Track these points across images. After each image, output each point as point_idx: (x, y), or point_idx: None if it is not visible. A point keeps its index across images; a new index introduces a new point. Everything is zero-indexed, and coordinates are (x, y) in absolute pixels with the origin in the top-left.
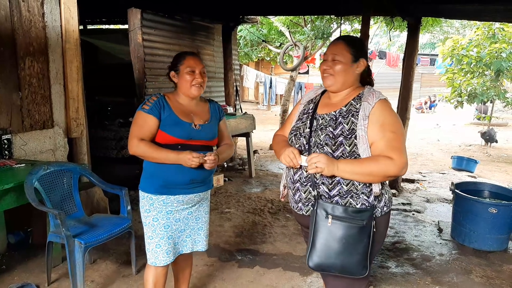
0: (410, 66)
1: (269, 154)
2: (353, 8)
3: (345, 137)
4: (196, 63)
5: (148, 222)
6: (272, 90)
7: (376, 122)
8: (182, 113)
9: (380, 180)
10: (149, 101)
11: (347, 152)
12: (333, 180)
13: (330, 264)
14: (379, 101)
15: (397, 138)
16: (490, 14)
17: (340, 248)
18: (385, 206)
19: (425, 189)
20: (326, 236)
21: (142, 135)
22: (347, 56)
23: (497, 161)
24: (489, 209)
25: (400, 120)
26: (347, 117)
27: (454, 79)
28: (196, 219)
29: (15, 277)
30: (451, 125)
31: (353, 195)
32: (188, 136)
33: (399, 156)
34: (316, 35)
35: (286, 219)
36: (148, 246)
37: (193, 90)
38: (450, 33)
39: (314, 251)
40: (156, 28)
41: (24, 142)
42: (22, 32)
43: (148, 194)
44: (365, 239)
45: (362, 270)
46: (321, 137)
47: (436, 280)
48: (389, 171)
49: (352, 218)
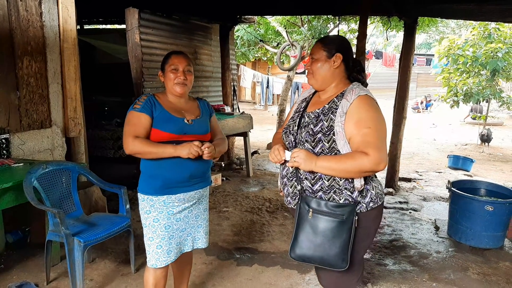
0: (407, 66)
1: (266, 154)
2: (350, 8)
3: (324, 134)
4: (180, 61)
5: (149, 223)
6: (269, 90)
7: (352, 118)
8: (173, 110)
9: (357, 176)
10: (140, 100)
11: (327, 148)
12: (315, 175)
13: (310, 256)
14: (358, 97)
15: (373, 133)
16: (485, 14)
17: (320, 241)
18: (371, 202)
19: (421, 188)
20: (307, 229)
21: (136, 133)
22: (321, 53)
23: (493, 160)
24: (485, 207)
25: (379, 115)
26: (327, 114)
27: (450, 78)
28: (195, 217)
29: (14, 276)
30: (447, 125)
31: (336, 190)
32: (182, 131)
33: (374, 151)
34: (313, 35)
35: (284, 218)
36: (149, 248)
37: (177, 88)
38: (446, 33)
39: (296, 243)
40: (153, 27)
41: (22, 141)
42: (20, 32)
43: (148, 196)
44: (345, 233)
45: (341, 263)
46: (303, 134)
47: (433, 277)
48: (364, 167)
49: (332, 212)
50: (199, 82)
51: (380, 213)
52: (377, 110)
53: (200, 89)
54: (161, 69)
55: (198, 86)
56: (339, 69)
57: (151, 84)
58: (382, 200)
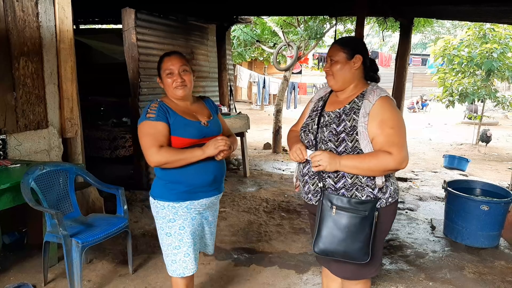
0: (403, 66)
1: (263, 154)
2: (346, 9)
3: (347, 134)
4: (173, 63)
5: (174, 232)
6: (266, 90)
7: (375, 118)
8: (186, 114)
9: (380, 174)
10: (151, 108)
11: (350, 148)
12: (338, 173)
13: (334, 250)
14: (379, 98)
15: (396, 133)
16: (481, 15)
17: (343, 236)
18: (390, 197)
19: (417, 188)
20: (331, 224)
21: (158, 143)
22: (341, 55)
23: (488, 160)
24: (481, 207)
25: (400, 116)
26: (350, 114)
27: (445, 78)
28: (210, 224)
29: (11, 277)
30: (442, 125)
31: (358, 187)
32: (201, 134)
33: (397, 151)
34: (309, 35)
35: (281, 218)
36: (175, 257)
37: (177, 91)
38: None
39: (319, 238)
40: (150, 28)
41: (19, 142)
42: (16, 32)
43: (170, 203)
44: (367, 228)
45: (364, 256)
46: (325, 134)
47: (429, 276)
48: (388, 166)
49: (355, 208)
50: (196, 82)
51: (396, 208)
52: (398, 111)
53: (197, 89)
54: (158, 75)
55: (195, 87)
56: (359, 70)
57: (147, 85)
58: (398, 196)
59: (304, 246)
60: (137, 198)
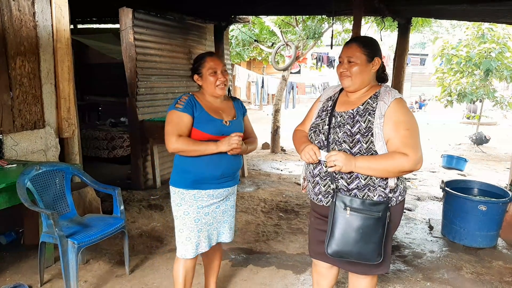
0: (401, 65)
1: (261, 154)
2: (344, 9)
3: (362, 135)
4: (217, 64)
5: (179, 215)
6: (264, 89)
7: (391, 120)
8: (212, 111)
9: (395, 175)
10: (181, 100)
11: (364, 149)
12: (352, 175)
13: (348, 251)
14: (394, 100)
15: (411, 135)
16: (479, 14)
17: (357, 237)
18: (399, 196)
19: (416, 188)
20: (344, 226)
21: (179, 132)
22: (362, 57)
23: (486, 160)
24: (479, 207)
25: (414, 118)
26: (364, 115)
27: (444, 78)
28: (223, 212)
29: (7, 278)
30: (441, 124)
31: (370, 188)
32: (220, 132)
33: (413, 152)
34: (307, 35)
35: (279, 218)
36: (179, 238)
37: (218, 90)
38: (440, 33)
39: (333, 240)
40: (147, 27)
41: (15, 142)
42: (12, 32)
43: (180, 189)
44: (380, 229)
45: (377, 257)
46: (339, 135)
47: (427, 276)
48: (404, 167)
49: (368, 210)
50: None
51: (404, 205)
52: (411, 112)
53: (195, 89)
54: (195, 73)
55: (193, 86)
56: (374, 72)
57: (145, 84)
58: (406, 193)
59: (302, 246)
60: (134, 198)
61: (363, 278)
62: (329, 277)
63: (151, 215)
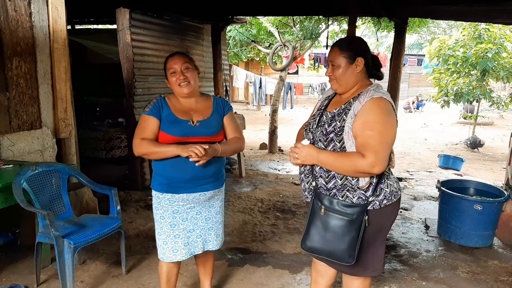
0: (397, 66)
1: (259, 154)
2: (340, 9)
3: (336, 134)
4: (176, 63)
5: (157, 219)
6: (262, 90)
7: (360, 119)
8: (181, 112)
9: (352, 175)
10: (150, 103)
11: (338, 148)
12: (329, 174)
13: (319, 248)
14: (370, 99)
15: (374, 137)
16: (475, 15)
17: (329, 236)
18: (384, 199)
19: (412, 187)
20: (319, 224)
21: (144, 136)
22: (343, 60)
23: (483, 160)
24: (475, 206)
25: (387, 120)
26: (341, 115)
27: (440, 79)
28: (206, 219)
29: (3, 278)
30: (438, 125)
31: (349, 188)
32: (185, 133)
33: (371, 154)
34: (304, 36)
35: (275, 218)
36: (157, 241)
37: (181, 89)
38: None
39: (307, 236)
40: (145, 28)
41: (12, 142)
42: (9, 32)
43: (156, 192)
44: (353, 231)
45: (348, 258)
46: (317, 134)
47: (422, 276)
48: (358, 168)
49: (342, 211)
50: None
51: (395, 209)
52: (386, 114)
53: None
54: (165, 76)
55: None
56: (361, 71)
57: (142, 85)
58: (397, 197)
59: (298, 246)
60: (132, 198)
61: (355, 279)
62: (327, 276)
63: (148, 215)
